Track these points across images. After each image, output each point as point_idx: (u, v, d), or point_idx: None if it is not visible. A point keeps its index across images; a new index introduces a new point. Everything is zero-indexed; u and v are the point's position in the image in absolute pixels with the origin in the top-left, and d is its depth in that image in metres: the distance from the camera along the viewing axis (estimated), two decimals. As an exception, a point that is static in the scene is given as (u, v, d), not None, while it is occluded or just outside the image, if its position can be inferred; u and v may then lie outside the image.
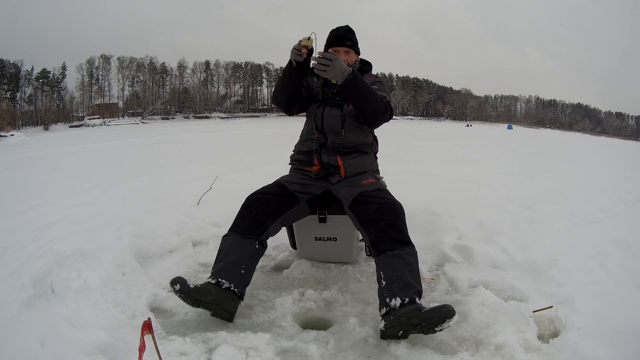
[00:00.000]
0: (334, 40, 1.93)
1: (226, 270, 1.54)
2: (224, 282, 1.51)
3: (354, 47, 1.95)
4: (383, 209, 1.62)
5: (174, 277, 1.50)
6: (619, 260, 1.99)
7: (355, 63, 1.96)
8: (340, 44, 1.91)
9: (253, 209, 1.71)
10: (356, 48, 1.97)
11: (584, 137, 42.92)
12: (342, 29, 1.96)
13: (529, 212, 2.88)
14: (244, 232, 1.65)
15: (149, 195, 3.57)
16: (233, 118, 64.65)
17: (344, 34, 1.94)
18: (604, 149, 15.91)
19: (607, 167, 7.73)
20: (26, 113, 55.58)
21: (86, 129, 42.39)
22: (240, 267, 1.56)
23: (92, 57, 63.57)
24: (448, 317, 1.32)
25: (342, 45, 1.91)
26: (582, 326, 1.39)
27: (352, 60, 1.93)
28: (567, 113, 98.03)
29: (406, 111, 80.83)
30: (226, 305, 1.49)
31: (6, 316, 1.32)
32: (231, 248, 1.61)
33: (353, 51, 1.94)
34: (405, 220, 1.64)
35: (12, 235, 2.39)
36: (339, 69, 1.59)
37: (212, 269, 1.58)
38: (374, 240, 1.58)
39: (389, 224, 1.57)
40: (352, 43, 1.94)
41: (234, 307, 1.52)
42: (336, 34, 1.95)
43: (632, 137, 68.71)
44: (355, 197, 1.70)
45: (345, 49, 1.92)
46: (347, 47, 1.92)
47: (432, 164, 6.38)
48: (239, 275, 1.54)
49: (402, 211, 1.65)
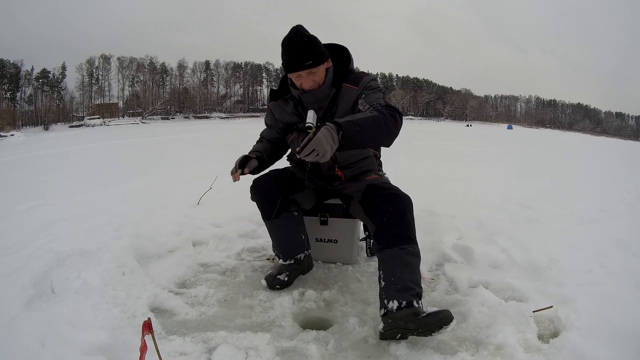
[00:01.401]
0: (290, 66, 1.54)
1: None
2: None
3: (319, 59, 1.55)
4: (389, 201, 1.54)
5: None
6: (619, 260, 1.99)
7: (329, 73, 1.61)
8: (298, 68, 1.53)
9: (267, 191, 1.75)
10: (322, 58, 1.56)
11: (584, 137, 42.93)
12: (293, 43, 1.51)
13: (529, 212, 2.88)
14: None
15: (149, 195, 3.57)
16: (233, 118, 64.67)
17: (299, 55, 1.51)
18: (603, 148, 15.90)
19: (607, 167, 7.73)
20: (26, 113, 55.61)
21: (86, 129, 42.41)
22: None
23: (92, 57, 63.67)
24: (445, 323, 1.30)
25: (301, 70, 1.53)
26: (582, 326, 1.39)
27: (321, 76, 1.59)
28: (567, 113, 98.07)
29: (406, 111, 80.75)
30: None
31: (6, 316, 1.32)
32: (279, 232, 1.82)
33: (320, 64, 1.56)
34: (412, 213, 1.54)
35: (12, 235, 2.40)
36: (327, 146, 1.25)
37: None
38: (376, 232, 1.53)
39: (393, 217, 1.50)
40: (313, 60, 1.53)
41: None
42: (289, 57, 1.53)
43: (632, 137, 68.74)
44: (364, 190, 1.65)
45: (307, 70, 1.54)
46: (309, 67, 1.53)
47: (432, 164, 6.38)
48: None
49: (409, 204, 1.55)
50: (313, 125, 1.46)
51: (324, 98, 1.63)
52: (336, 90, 1.64)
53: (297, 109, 1.72)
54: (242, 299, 1.72)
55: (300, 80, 1.58)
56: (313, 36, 1.55)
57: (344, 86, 1.64)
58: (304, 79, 1.57)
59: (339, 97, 1.64)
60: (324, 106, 1.65)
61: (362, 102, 1.57)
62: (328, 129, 1.28)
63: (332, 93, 1.64)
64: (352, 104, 1.63)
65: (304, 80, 1.57)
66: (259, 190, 1.76)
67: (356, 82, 1.63)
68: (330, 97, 1.64)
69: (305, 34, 1.52)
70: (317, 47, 1.55)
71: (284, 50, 1.53)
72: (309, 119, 1.48)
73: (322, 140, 1.25)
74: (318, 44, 1.56)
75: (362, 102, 1.58)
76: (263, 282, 1.80)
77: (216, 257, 2.12)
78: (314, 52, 1.53)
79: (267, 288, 1.79)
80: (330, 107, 1.65)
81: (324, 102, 1.64)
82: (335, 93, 1.64)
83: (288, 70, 1.57)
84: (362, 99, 1.58)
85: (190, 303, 1.68)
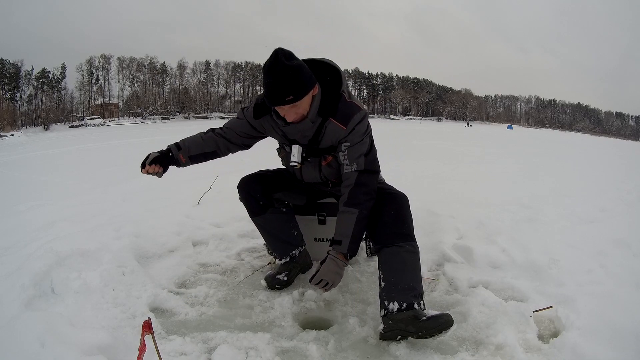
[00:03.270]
0: (270, 99, 1.42)
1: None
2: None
3: (301, 92, 1.40)
4: (385, 199, 1.55)
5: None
6: (619, 260, 1.99)
7: (315, 101, 1.48)
8: (278, 103, 1.41)
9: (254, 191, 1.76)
10: (305, 89, 1.40)
11: (584, 137, 42.92)
12: (274, 77, 1.36)
13: (529, 212, 2.88)
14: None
15: (149, 195, 3.56)
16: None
17: (280, 88, 1.37)
18: (604, 148, 15.90)
19: (607, 167, 7.73)
20: (26, 113, 55.55)
21: (86, 129, 42.37)
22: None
23: (92, 57, 63.52)
24: (445, 328, 1.30)
25: (282, 104, 1.41)
26: (582, 326, 1.39)
27: (306, 107, 1.46)
28: (567, 113, 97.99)
29: (406, 111, 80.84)
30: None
31: (6, 316, 1.32)
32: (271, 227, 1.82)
33: (304, 96, 1.42)
34: (409, 211, 1.55)
35: (12, 235, 2.40)
36: (335, 277, 1.47)
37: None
38: (374, 232, 1.52)
39: (391, 215, 1.50)
40: (295, 94, 1.38)
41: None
42: (269, 89, 1.39)
43: (632, 137, 68.73)
44: None
45: (289, 105, 1.41)
46: (290, 102, 1.40)
47: (432, 164, 6.37)
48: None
49: (406, 202, 1.56)
50: (298, 163, 1.56)
51: (308, 129, 1.54)
52: (322, 120, 1.52)
53: (284, 134, 1.63)
54: (242, 299, 1.72)
55: (283, 112, 1.47)
56: (296, 64, 1.38)
57: (330, 121, 1.51)
58: (287, 112, 1.45)
59: (324, 130, 1.54)
60: (308, 135, 1.57)
61: (344, 156, 1.53)
62: (334, 261, 1.47)
63: (318, 123, 1.53)
64: (336, 143, 1.56)
65: (286, 113, 1.46)
66: (244, 188, 1.77)
67: (345, 120, 1.50)
68: (315, 127, 1.54)
69: (285, 63, 1.35)
70: (301, 77, 1.39)
71: (264, 79, 1.39)
72: (294, 157, 1.56)
73: (329, 273, 1.46)
74: (302, 73, 1.39)
75: (344, 155, 1.53)
76: (263, 282, 1.80)
77: (216, 257, 2.12)
78: (296, 84, 1.38)
79: (267, 288, 1.79)
80: (316, 137, 1.57)
81: (308, 132, 1.56)
82: (321, 123, 1.53)
83: (269, 103, 1.45)
84: (346, 150, 1.52)
85: (190, 303, 1.68)
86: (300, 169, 1.66)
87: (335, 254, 1.48)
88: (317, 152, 1.61)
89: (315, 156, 1.62)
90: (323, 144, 1.59)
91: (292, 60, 1.38)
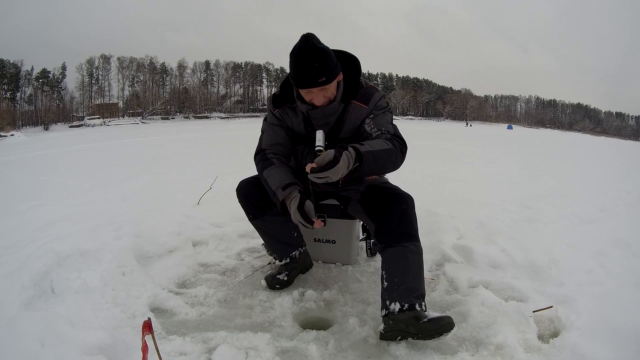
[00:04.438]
0: (301, 81, 1.42)
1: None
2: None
3: (332, 75, 1.42)
4: (390, 199, 1.53)
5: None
6: (619, 260, 1.99)
7: (340, 87, 1.52)
8: (310, 85, 1.41)
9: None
10: (335, 72, 1.44)
11: (584, 137, 42.92)
12: (305, 55, 1.37)
13: (529, 212, 2.88)
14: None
15: (149, 195, 3.57)
16: (233, 118, 64.63)
17: (312, 70, 1.38)
18: (604, 148, 15.90)
19: (607, 167, 7.73)
20: (26, 113, 55.54)
21: (86, 129, 42.35)
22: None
23: (92, 57, 63.53)
24: (446, 330, 1.30)
25: (314, 87, 1.42)
26: (582, 326, 1.39)
27: (333, 91, 1.49)
28: (567, 113, 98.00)
29: (406, 111, 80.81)
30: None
31: (6, 316, 1.32)
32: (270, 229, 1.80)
33: (334, 79, 1.45)
34: (414, 211, 1.52)
35: (12, 235, 2.40)
36: (341, 173, 1.28)
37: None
38: (377, 230, 1.51)
39: (394, 215, 1.48)
40: (327, 76, 1.40)
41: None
42: (300, 71, 1.40)
43: (632, 137, 68.76)
44: (364, 191, 1.65)
45: (319, 87, 1.43)
46: (322, 84, 1.41)
47: (432, 164, 6.38)
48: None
49: (411, 202, 1.53)
50: (323, 148, 1.43)
51: (332, 114, 1.55)
52: (344, 107, 1.56)
53: (305, 123, 1.61)
54: (242, 299, 1.72)
55: (311, 96, 1.47)
56: (325, 47, 1.42)
57: (352, 103, 1.55)
58: (315, 95, 1.46)
59: (347, 114, 1.56)
60: (330, 122, 1.57)
61: (370, 123, 1.53)
62: (349, 158, 1.29)
63: (340, 109, 1.56)
64: (359, 123, 1.57)
65: (314, 96, 1.46)
66: (242, 192, 1.76)
67: (366, 100, 1.55)
68: (338, 114, 1.56)
69: (317, 45, 1.38)
70: (331, 61, 1.42)
71: (294, 62, 1.39)
72: (319, 141, 1.43)
73: (341, 168, 1.26)
74: (331, 57, 1.43)
75: (370, 122, 1.53)
76: (263, 282, 1.80)
77: (216, 257, 2.12)
78: (328, 67, 1.40)
79: (267, 288, 1.79)
80: (337, 124, 1.59)
81: (332, 118, 1.57)
82: (343, 109, 1.56)
83: (299, 85, 1.44)
84: (370, 119, 1.53)
85: (190, 303, 1.68)
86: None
87: (352, 153, 1.31)
88: (334, 143, 1.55)
89: (333, 147, 1.59)
90: (344, 131, 1.59)
91: (321, 44, 1.42)
